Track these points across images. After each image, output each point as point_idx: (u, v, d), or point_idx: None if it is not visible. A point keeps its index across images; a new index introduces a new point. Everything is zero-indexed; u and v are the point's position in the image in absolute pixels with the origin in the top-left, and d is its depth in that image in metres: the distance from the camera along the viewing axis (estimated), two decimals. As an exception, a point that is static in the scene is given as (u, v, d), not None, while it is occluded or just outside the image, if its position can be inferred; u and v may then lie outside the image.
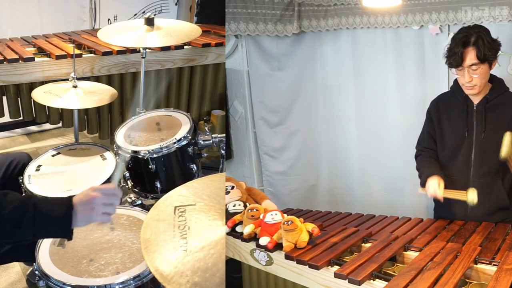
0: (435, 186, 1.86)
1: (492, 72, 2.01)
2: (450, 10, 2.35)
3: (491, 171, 1.90)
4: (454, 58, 1.81)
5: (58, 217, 1.40)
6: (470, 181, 1.93)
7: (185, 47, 3.10)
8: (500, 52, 2.28)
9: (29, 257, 1.82)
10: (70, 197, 1.45)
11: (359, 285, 1.34)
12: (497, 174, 1.90)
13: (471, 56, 1.79)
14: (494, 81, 1.91)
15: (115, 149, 2.30)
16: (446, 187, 2.00)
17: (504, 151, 1.72)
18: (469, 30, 1.84)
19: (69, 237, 1.43)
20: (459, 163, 1.95)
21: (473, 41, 1.78)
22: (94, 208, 1.42)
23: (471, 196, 1.76)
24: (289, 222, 1.58)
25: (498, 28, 2.27)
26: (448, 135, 1.99)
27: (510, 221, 1.89)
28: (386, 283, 1.32)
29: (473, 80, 1.82)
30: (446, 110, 1.99)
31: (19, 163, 2.19)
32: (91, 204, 1.43)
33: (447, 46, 1.87)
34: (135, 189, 2.36)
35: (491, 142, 1.87)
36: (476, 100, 1.91)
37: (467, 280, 1.42)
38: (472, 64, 1.79)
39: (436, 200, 2.07)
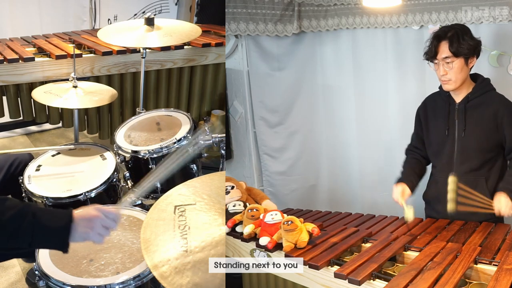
0: (398, 194, 1.95)
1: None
2: (450, 10, 2.35)
3: (473, 170, 1.92)
4: (429, 51, 1.89)
5: (57, 228, 1.37)
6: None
7: (185, 47, 3.10)
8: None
9: (28, 253, 1.81)
10: (71, 210, 1.43)
11: (359, 285, 1.34)
12: (480, 172, 1.92)
13: (444, 49, 1.85)
14: (478, 80, 1.94)
15: (115, 149, 2.30)
16: (431, 186, 2.08)
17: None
18: (448, 26, 1.92)
19: (65, 250, 1.40)
20: (443, 161, 1.99)
21: (448, 36, 1.85)
22: (93, 227, 1.41)
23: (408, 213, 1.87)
24: (289, 222, 1.59)
25: (498, 28, 2.28)
26: (432, 133, 2.03)
27: (494, 221, 1.89)
28: (386, 283, 1.32)
29: (447, 74, 1.87)
30: (432, 108, 2.03)
31: (21, 163, 2.19)
32: (91, 223, 1.41)
33: (428, 41, 1.92)
34: (135, 189, 2.36)
35: (471, 141, 1.91)
36: (458, 98, 1.94)
37: (467, 280, 1.42)
38: (446, 57, 1.84)
39: (425, 199, 2.12)
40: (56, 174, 2.16)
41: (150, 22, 2.58)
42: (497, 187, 1.87)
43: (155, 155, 2.22)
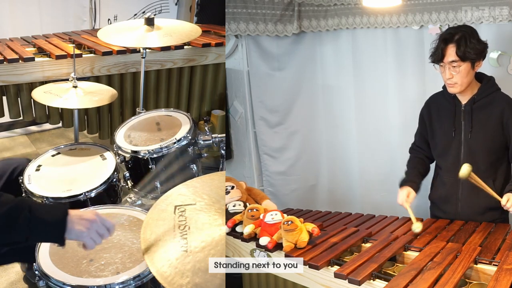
0: (403, 198, 1.96)
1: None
2: (450, 10, 2.35)
3: (480, 171, 1.89)
4: (436, 54, 1.86)
5: (53, 221, 1.39)
6: (459, 181, 1.93)
7: (185, 47, 3.10)
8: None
9: (29, 257, 1.81)
10: (66, 205, 1.45)
11: (359, 285, 1.34)
12: (487, 174, 1.90)
13: (451, 53, 1.82)
14: (484, 80, 1.92)
15: (115, 149, 2.30)
16: (437, 187, 2.07)
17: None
18: (455, 28, 1.88)
19: (62, 243, 1.42)
20: (449, 163, 1.98)
21: (456, 39, 1.81)
22: (88, 228, 1.43)
23: (416, 225, 1.80)
24: (289, 222, 1.59)
25: (498, 28, 2.28)
26: (438, 135, 2.01)
27: (501, 221, 1.90)
28: (386, 283, 1.32)
29: (453, 78, 1.84)
30: (437, 110, 2.02)
31: (23, 170, 2.18)
32: (88, 223, 1.43)
33: (434, 42, 1.90)
34: (135, 189, 2.36)
35: (478, 142, 1.89)
36: (464, 100, 1.92)
37: (467, 280, 1.43)
38: (453, 61, 1.82)
39: (431, 200, 2.11)
40: (56, 174, 2.16)
41: (150, 22, 2.58)
42: (504, 187, 1.86)
43: (155, 155, 2.22)
